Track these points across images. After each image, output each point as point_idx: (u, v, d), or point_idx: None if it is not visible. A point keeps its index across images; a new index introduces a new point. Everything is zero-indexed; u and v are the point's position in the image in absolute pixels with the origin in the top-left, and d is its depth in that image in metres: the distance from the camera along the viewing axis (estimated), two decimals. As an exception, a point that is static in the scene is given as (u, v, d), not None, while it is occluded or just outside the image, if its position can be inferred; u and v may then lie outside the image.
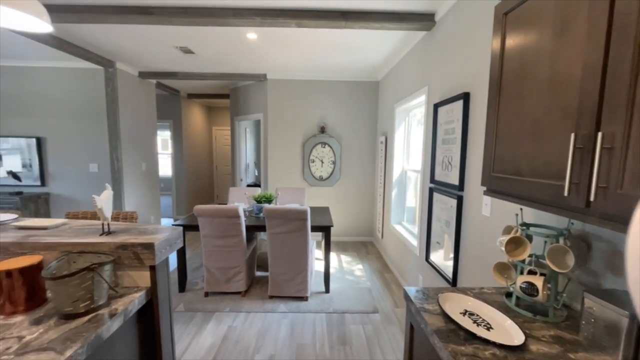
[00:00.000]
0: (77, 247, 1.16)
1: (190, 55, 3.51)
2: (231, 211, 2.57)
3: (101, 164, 4.08)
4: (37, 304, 1.05)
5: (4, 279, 0.99)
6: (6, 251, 1.15)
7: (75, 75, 3.95)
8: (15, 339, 0.87)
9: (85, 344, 0.86)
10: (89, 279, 0.98)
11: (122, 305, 1.06)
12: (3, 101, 3.96)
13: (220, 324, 2.40)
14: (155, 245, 1.17)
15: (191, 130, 6.33)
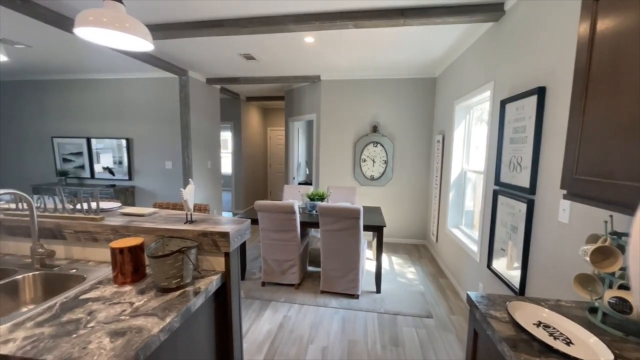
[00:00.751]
0: (168, 232, 1.36)
1: (252, 61, 3.78)
2: (288, 207, 2.72)
3: (175, 162, 4.62)
4: (140, 278, 1.26)
5: (118, 255, 1.21)
6: (116, 232, 1.40)
7: (156, 84, 4.52)
8: (128, 304, 1.07)
9: (179, 314, 1.02)
10: (179, 260, 1.15)
11: (204, 285, 1.22)
12: (101, 108, 4.72)
13: (276, 313, 2.56)
14: (230, 235, 1.31)
15: (249, 131, 6.77)
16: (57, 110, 4.88)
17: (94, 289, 1.18)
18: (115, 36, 1.27)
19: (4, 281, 1.24)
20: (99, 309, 1.03)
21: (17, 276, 1.28)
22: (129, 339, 0.87)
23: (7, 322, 0.94)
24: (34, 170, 5.10)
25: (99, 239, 1.42)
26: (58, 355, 0.80)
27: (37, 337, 0.87)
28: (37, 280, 1.31)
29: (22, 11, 2.25)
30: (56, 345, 0.84)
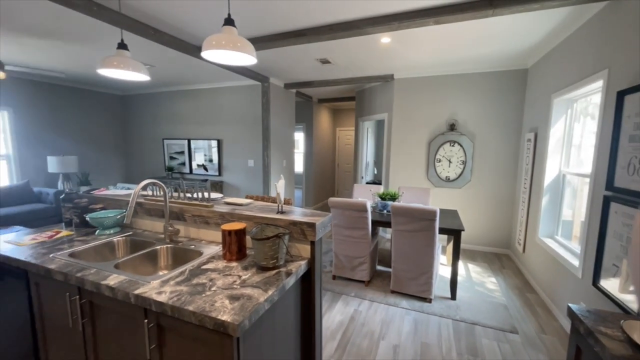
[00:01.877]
0: (264, 220, 1.57)
1: (327, 64, 3.96)
2: (360, 205, 2.80)
3: (256, 160, 5.13)
4: (242, 257, 1.49)
5: (227, 236, 1.46)
6: (223, 218, 1.68)
7: (242, 91, 5.09)
8: (237, 276, 1.29)
9: (277, 289, 1.19)
10: (276, 244, 1.34)
11: (294, 267, 1.38)
12: (199, 113, 5.53)
13: (347, 306, 2.66)
14: (316, 225, 1.45)
15: (319, 132, 7.07)
16: (166, 116, 5.90)
17: (210, 262, 1.45)
18: (229, 54, 1.53)
19: (147, 250, 1.61)
20: (217, 278, 1.27)
21: (156, 247, 1.65)
22: (243, 303, 1.06)
23: (157, 280, 1.24)
24: (149, 165, 6.27)
25: (210, 222, 1.72)
26: (196, 307, 1.03)
27: (178, 293, 1.14)
28: (168, 252, 1.67)
29: (153, 39, 2.82)
30: (193, 300, 1.08)
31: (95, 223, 1.85)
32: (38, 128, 5.07)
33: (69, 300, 1.32)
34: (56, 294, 1.39)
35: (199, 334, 1.04)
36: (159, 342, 1.14)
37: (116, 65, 1.76)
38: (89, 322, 1.31)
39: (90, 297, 1.29)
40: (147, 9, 2.39)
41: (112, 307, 1.23)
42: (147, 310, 1.13)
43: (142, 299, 1.11)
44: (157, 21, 2.63)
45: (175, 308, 1.05)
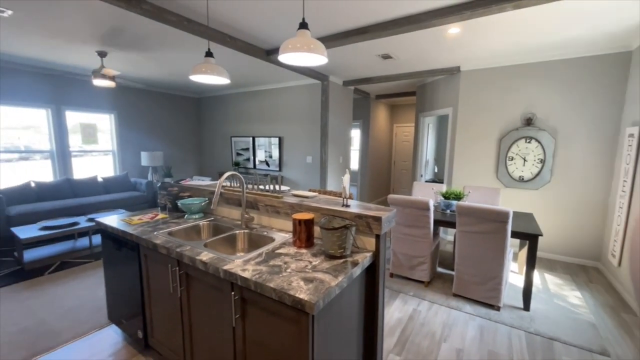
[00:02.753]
0: (330, 212, 1.66)
1: (388, 60, 3.90)
2: (422, 204, 2.72)
3: (314, 157, 5.31)
4: (310, 245, 1.60)
5: (297, 225, 1.58)
6: (292, 208, 1.82)
7: (303, 90, 5.30)
8: (308, 262, 1.39)
9: (346, 276, 1.26)
10: (344, 234, 1.41)
11: (360, 258, 1.44)
12: (262, 112, 5.92)
13: (406, 305, 2.63)
14: (382, 220, 1.48)
15: (376, 128, 6.98)
16: (234, 115, 6.45)
17: (282, 247, 1.59)
18: (303, 56, 1.63)
19: (228, 234, 1.83)
20: (290, 262, 1.39)
21: (235, 231, 1.86)
22: (316, 286, 1.16)
23: (240, 259, 1.41)
24: (219, 160, 6.94)
25: (280, 212, 1.87)
26: (275, 284, 1.16)
27: (259, 271, 1.28)
28: (245, 236, 1.86)
29: (229, 45, 3.13)
30: (272, 278, 1.21)
31: (184, 208, 2.15)
32: (134, 128, 5.99)
33: (170, 270, 1.58)
34: (160, 264, 1.68)
35: (277, 308, 1.16)
36: (242, 312, 1.30)
37: (204, 72, 2.02)
38: (185, 290, 1.55)
39: (186, 269, 1.52)
40: (226, 19, 2.66)
41: (204, 278, 1.44)
42: (233, 284, 1.30)
43: (230, 274, 1.28)
44: (232, 29, 2.91)
45: (258, 284, 1.19)
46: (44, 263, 3.37)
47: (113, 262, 2.02)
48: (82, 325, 2.28)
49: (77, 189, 4.90)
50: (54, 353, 1.99)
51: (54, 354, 1.98)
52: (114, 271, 2.03)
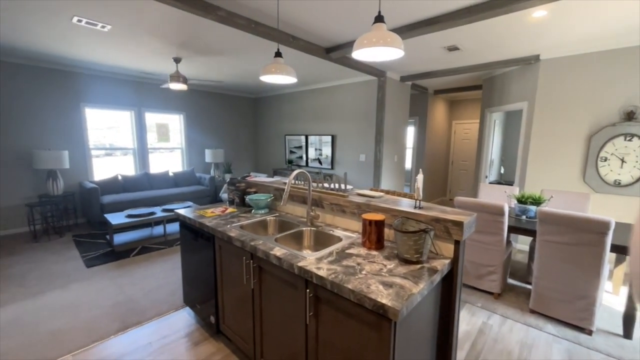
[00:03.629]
0: (402, 213, 1.58)
1: (454, 52, 3.63)
2: (496, 208, 2.48)
3: (367, 155, 5.21)
4: (380, 247, 1.54)
5: (368, 226, 1.53)
6: (359, 208, 1.78)
7: (358, 87, 5.22)
8: (382, 265, 1.34)
9: (426, 284, 1.18)
10: (422, 238, 1.32)
11: (439, 265, 1.34)
12: (316, 111, 5.98)
13: (473, 316, 2.42)
14: (464, 224, 1.36)
15: (433, 125, 6.60)
16: (288, 114, 6.63)
17: (351, 247, 1.55)
18: (379, 51, 1.58)
19: (295, 230, 1.86)
20: (363, 263, 1.35)
21: (302, 228, 1.88)
22: (397, 291, 1.10)
23: (312, 257, 1.42)
24: (273, 158, 7.21)
25: (346, 211, 1.85)
26: (354, 286, 1.13)
27: (334, 271, 1.27)
28: (311, 234, 1.88)
29: (292, 46, 3.19)
30: (349, 279, 1.19)
31: (252, 203, 2.25)
32: (199, 127, 6.51)
33: (245, 262, 1.66)
34: (233, 255, 1.77)
35: (355, 311, 1.13)
36: (315, 310, 1.30)
37: (274, 72, 2.07)
38: (257, 282, 1.61)
39: (259, 263, 1.58)
40: (292, 19, 2.71)
41: (277, 273, 1.47)
42: (308, 281, 1.31)
43: (305, 271, 1.29)
44: (296, 29, 2.95)
45: (335, 284, 1.17)
46: (128, 247, 3.84)
47: (190, 251, 2.20)
48: (162, 306, 2.53)
49: (152, 182, 5.50)
50: (141, 328, 2.24)
51: (141, 328, 2.23)
52: (190, 259, 2.21)
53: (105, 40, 3.38)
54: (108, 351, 1.99)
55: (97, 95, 5.01)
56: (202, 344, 2.06)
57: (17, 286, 2.83)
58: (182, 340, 2.10)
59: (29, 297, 2.64)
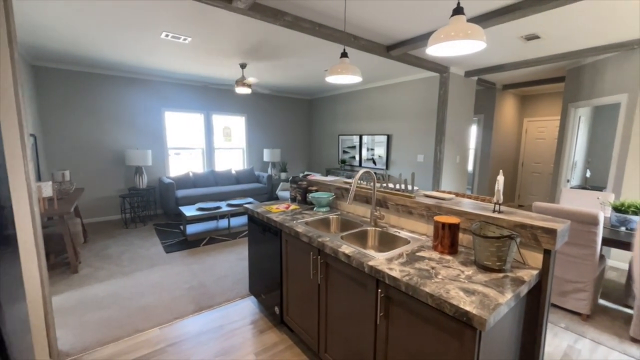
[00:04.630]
0: (480, 217, 1.47)
1: (532, 41, 3.26)
2: (589, 216, 2.16)
3: (426, 155, 4.97)
4: (454, 252, 1.46)
5: (440, 229, 1.46)
6: (429, 210, 1.70)
7: (417, 85, 5.01)
8: (459, 270, 1.27)
9: (513, 295, 1.08)
10: (506, 245, 1.22)
11: (526, 276, 1.22)
12: (371, 110, 5.90)
13: (556, 337, 2.15)
14: (557, 232, 1.22)
15: (501, 124, 6.02)
16: (342, 114, 6.65)
17: (421, 250, 1.50)
18: (456, 45, 1.49)
19: (359, 230, 1.86)
20: (437, 267, 1.29)
21: (366, 228, 1.87)
22: (481, 300, 1.03)
23: (382, 257, 1.40)
24: (326, 158, 7.31)
25: (414, 212, 1.79)
26: (432, 290, 1.08)
27: (407, 273, 1.23)
28: (375, 234, 1.86)
29: (353, 45, 3.20)
30: (424, 283, 1.15)
31: (314, 201, 2.31)
32: (258, 128, 6.90)
33: (312, 258, 1.71)
34: (300, 250, 1.84)
35: (432, 316, 1.09)
36: (386, 311, 1.28)
37: (340, 72, 2.10)
38: (324, 278, 1.65)
39: (326, 259, 1.61)
40: (356, 19, 2.72)
41: (345, 270, 1.49)
42: (378, 281, 1.30)
43: (376, 271, 1.28)
44: (357, 29, 2.95)
45: (410, 286, 1.14)
46: (199, 237, 4.25)
47: (257, 243, 2.34)
48: (229, 293, 2.74)
49: (218, 179, 5.99)
50: (212, 311, 2.45)
51: (212, 312, 2.45)
52: (257, 251, 2.36)
53: (184, 51, 3.79)
54: (187, 328, 2.22)
55: (174, 100, 5.64)
56: (266, 333, 2.18)
57: (114, 265, 3.32)
58: (249, 327, 2.25)
59: (123, 275, 3.08)
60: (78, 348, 2.01)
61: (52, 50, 3.85)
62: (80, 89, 4.74)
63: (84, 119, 4.82)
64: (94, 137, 4.93)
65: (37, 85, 4.43)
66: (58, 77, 4.56)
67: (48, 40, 3.43)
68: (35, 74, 4.38)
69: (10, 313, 1.03)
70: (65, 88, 4.62)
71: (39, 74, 4.42)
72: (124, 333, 2.16)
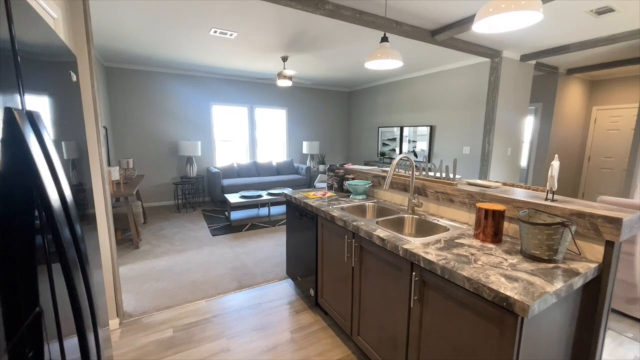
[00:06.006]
0: (530, 205, 1.36)
1: (604, 16, 2.86)
2: (668, 212, 1.87)
3: (473, 147, 4.66)
4: (498, 241, 1.37)
5: (483, 216, 1.38)
6: (472, 197, 1.62)
7: (463, 72, 4.70)
8: (502, 258, 1.19)
9: (565, 285, 0.99)
10: (559, 233, 1.12)
11: (582, 268, 1.11)
12: (412, 101, 5.68)
13: (620, 347, 1.91)
14: (623, 221, 1.08)
15: (564, 113, 5.40)
16: (383, 106, 6.50)
17: (461, 237, 1.43)
18: (506, 19, 1.39)
19: (396, 216, 1.83)
20: (477, 254, 1.23)
21: (403, 215, 1.84)
22: (525, 287, 0.96)
23: (418, 241, 1.37)
24: (365, 150, 7.22)
25: (455, 200, 1.71)
26: (469, 274, 1.04)
27: (444, 257, 1.20)
28: (412, 221, 1.82)
29: (395, 32, 3.10)
30: (462, 267, 1.10)
31: (351, 189, 2.32)
32: (298, 120, 7.04)
33: (346, 241, 1.73)
34: (335, 234, 1.87)
35: (470, 301, 1.05)
36: (420, 295, 1.26)
37: (379, 57, 2.06)
38: (358, 261, 1.66)
39: (361, 242, 1.62)
40: (398, 3, 2.63)
41: (379, 254, 1.49)
42: (413, 264, 1.28)
43: (411, 254, 1.26)
44: (400, 13, 2.85)
45: (447, 269, 1.10)
46: (241, 223, 4.51)
47: (294, 228, 2.43)
48: (268, 274, 2.88)
49: (260, 170, 6.26)
50: (252, 290, 2.61)
51: (252, 290, 2.60)
52: (294, 235, 2.44)
53: (230, 46, 4.00)
54: (230, 303, 2.39)
55: (221, 95, 6.00)
56: (301, 313, 2.26)
57: (168, 244, 3.67)
58: (285, 307, 2.35)
59: (175, 253, 3.40)
60: (139, 311, 2.28)
61: (119, 51, 4.33)
62: (141, 86, 5.27)
63: (145, 113, 5.36)
64: (153, 129, 5.46)
65: (108, 83, 5.02)
66: (124, 76, 5.12)
67: (116, 42, 3.87)
68: (106, 73, 4.97)
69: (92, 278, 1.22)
70: (129, 85, 5.18)
71: (109, 73, 5.00)
72: (176, 302, 2.40)
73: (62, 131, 0.92)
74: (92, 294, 0.79)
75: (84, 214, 1.23)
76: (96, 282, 1.25)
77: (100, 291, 1.32)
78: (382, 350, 1.53)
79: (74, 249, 0.67)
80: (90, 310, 0.77)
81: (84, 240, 0.90)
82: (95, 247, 1.29)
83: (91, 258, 1.19)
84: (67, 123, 0.96)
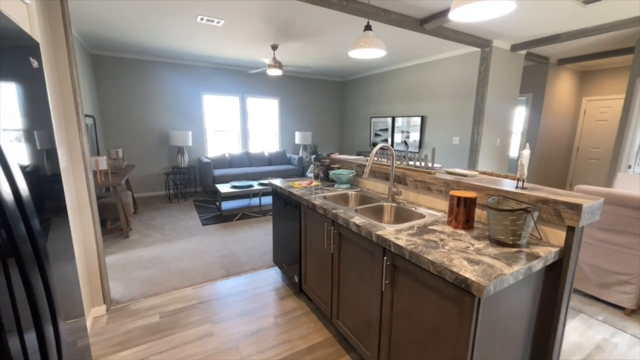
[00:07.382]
0: (500, 193, 1.40)
1: (591, 5, 2.86)
2: (638, 201, 1.93)
3: (462, 137, 4.70)
4: (469, 227, 1.41)
5: (455, 203, 1.42)
6: (447, 186, 1.65)
7: (454, 62, 4.69)
8: (469, 243, 1.24)
9: (523, 268, 1.04)
10: (522, 219, 1.16)
11: (542, 252, 1.15)
12: (404, 91, 5.66)
13: (589, 329, 2.00)
14: (583, 207, 1.13)
15: (554, 104, 5.44)
16: (375, 96, 6.48)
17: (434, 224, 1.48)
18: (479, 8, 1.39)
19: (375, 204, 1.86)
20: (446, 240, 1.27)
21: (382, 203, 1.88)
22: (484, 269, 1.01)
23: (392, 228, 1.41)
24: (358, 141, 7.23)
25: (432, 189, 1.75)
26: (434, 258, 1.08)
27: (414, 242, 1.24)
28: (391, 209, 1.86)
29: (382, 20, 3.08)
30: (429, 251, 1.14)
31: (335, 178, 2.35)
32: (290, 111, 7.00)
33: (326, 229, 1.77)
34: (317, 222, 1.90)
35: (434, 283, 1.09)
36: (392, 279, 1.30)
37: (362, 45, 2.06)
38: (337, 248, 1.71)
39: (339, 229, 1.66)
40: (383, -10, 2.61)
41: (356, 240, 1.53)
42: (385, 249, 1.32)
43: (383, 239, 1.30)
44: (386, 1, 2.82)
45: (414, 254, 1.15)
46: (232, 212, 4.53)
47: (280, 217, 2.46)
48: (256, 262, 2.93)
49: (251, 160, 6.26)
50: (240, 277, 2.65)
51: (239, 277, 2.65)
52: (280, 224, 2.48)
53: (218, 34, 3.94)
54: (217, 290, 2.44)
55: (212, 84, 5.93)
56: (286, 299, 2.32)
57: (158, 233, 3.70)
58: (271, 293, 2.41)
59: (165, 242, 3.43)
60: (126, 298, 2.32)
61: (105, 39, 4.24)
62: (131, 75, 5.19)
63: (135, 103, 5.29)
64: (143, 119, 5.41)
65: (96, 72, 4.93)
66: (113, 64, 5.03)
67: (102, 29, 3.79)
68: (93, 61, 4.88)
69: (60, 269, 1.24)
70: (118, 74, 5.09)
71: (97, 61, 4.91)
72: (163, 289, 2.44)
73: (21, 121, 0.92)
74: (50, 288, 0.79)
75: (57, 205, 1.24)
76: (69, 273, 1.27)
77: (74, 282, 1.34)
78: (359, 332, 1.59)
79: (29, 244, 0.68)
80: (49, 303, 0.78)
81: (44, 235, 0.91)
82: (67, 238, 1.30)
83: (61, 250, 1.21)
84: (28, 112, 0.95)
